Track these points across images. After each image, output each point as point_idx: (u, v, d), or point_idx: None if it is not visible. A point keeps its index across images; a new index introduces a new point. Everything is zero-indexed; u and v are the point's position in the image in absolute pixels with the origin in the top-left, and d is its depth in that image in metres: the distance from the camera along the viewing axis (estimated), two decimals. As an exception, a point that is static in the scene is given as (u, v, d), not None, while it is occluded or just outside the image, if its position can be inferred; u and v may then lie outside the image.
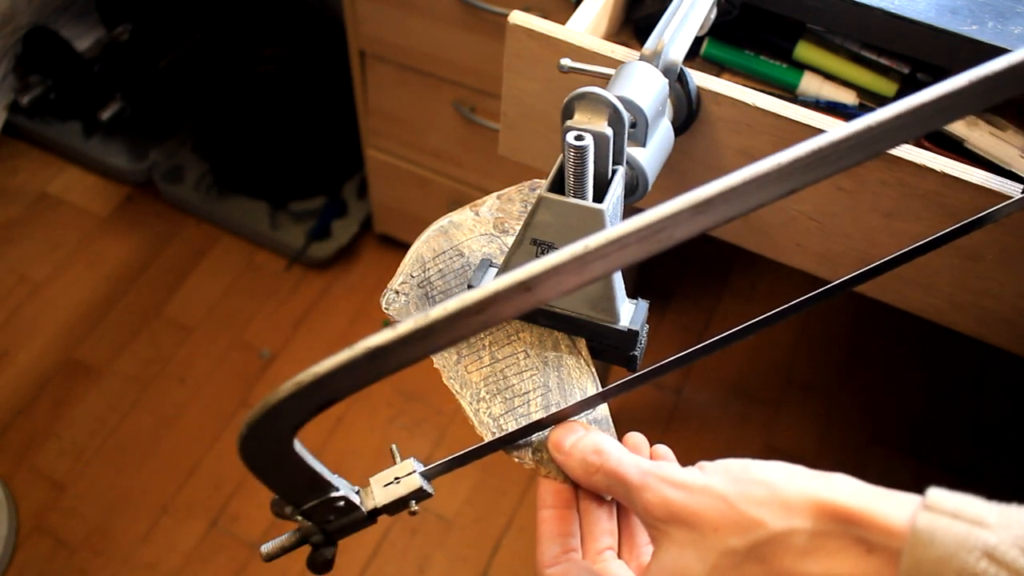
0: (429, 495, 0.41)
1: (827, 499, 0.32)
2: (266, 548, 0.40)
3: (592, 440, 0.41)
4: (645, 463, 0.38)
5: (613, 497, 0.43)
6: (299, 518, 0.38)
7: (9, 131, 1.80)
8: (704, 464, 0.36)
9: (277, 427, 0.31)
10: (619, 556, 0.42)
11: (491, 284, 0.27)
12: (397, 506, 0.40)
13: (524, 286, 0.27)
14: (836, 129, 0.27)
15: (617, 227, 0.27)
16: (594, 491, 0.42)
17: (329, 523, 0.39)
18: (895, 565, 0.30)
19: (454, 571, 1.32)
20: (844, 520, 0.31)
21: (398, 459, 0.41)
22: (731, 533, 0.33)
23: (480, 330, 0.28)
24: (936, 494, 0.30)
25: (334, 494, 0.37)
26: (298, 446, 0.33)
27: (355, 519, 0.39)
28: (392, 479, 0.40)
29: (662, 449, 0.44)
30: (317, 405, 0.30)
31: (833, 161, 0.28)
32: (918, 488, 0.31)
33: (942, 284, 0.65)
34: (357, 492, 0.39)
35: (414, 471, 0.40)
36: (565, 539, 0.41)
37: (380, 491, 0.40)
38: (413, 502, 0.40)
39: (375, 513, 0.40)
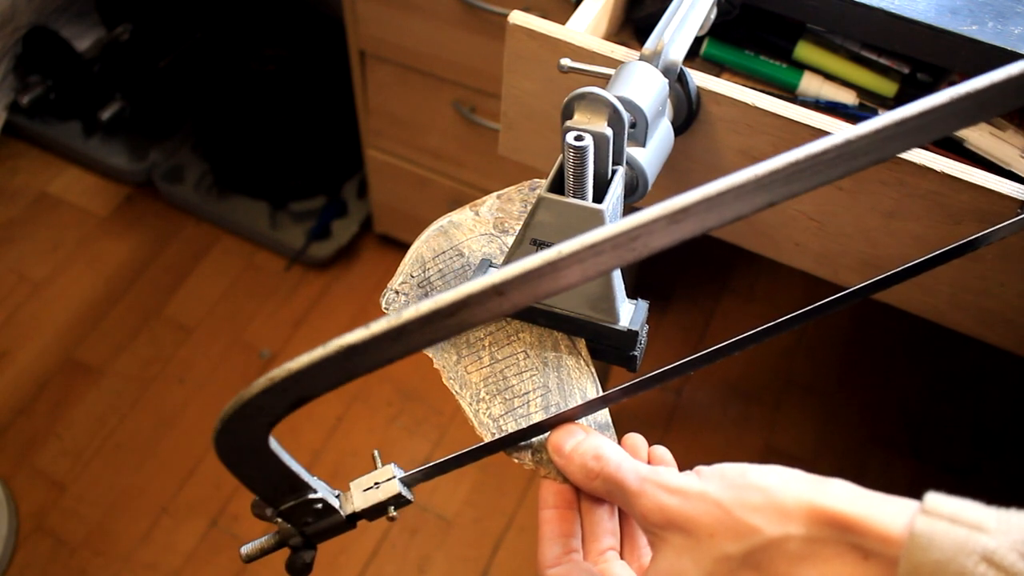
0: (408, 501, 0.40)
1: (823, 505, 0.32)
2: (246, 549, 0.40)
3: (592, 444, 0.41)
4: (643, 469, 0.38)
5: (612, 502, 0.43)
6: (278, 520, 0.38)
7: (9, 131, 1.80)
8: (701, 469, 0.36)
9: (251, 423, 0.30)
10: (621, 556, 0.42)
11: (464, 287, 0.27)
12: (376, 511, 0.39)
13: (497, 290, 0.27)
14: (815, 143, 0.27)
15: (590, 234, 0.27)
16: (594, 495, 0.42)
17: (308, 526, 0.38)
18: (891, 572, 0.30)
19: (454, 571, 1.32)
20: (840, 526, 0.31)
21: (379, 464, 0.41)
22: (727, 539, 0.33)
23: (454, 333, 0.28)
24: (934, 499, 0.30)
25: (311, 496, 0.36)
26: (274, 444, 0.33)
27: (334, 523, 0.38)
28: (372, 484, 0.40)
29: (660, 451, 0.44)
30: (291, 402, 0.30)
31: (815, 173, 0.28)
32: (918, 488, 0.31)
33: (942, 284, 0.65)
34: (337, 496, 0.39)
35: (394, 476, 0.40)
36: (567, 539, 0.41)
37: (359, 495, 0.39)
38: (392, 508, 0.40)
39: (354, 517, 0.39)
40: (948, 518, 0.29)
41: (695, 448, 1.45)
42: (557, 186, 0.47)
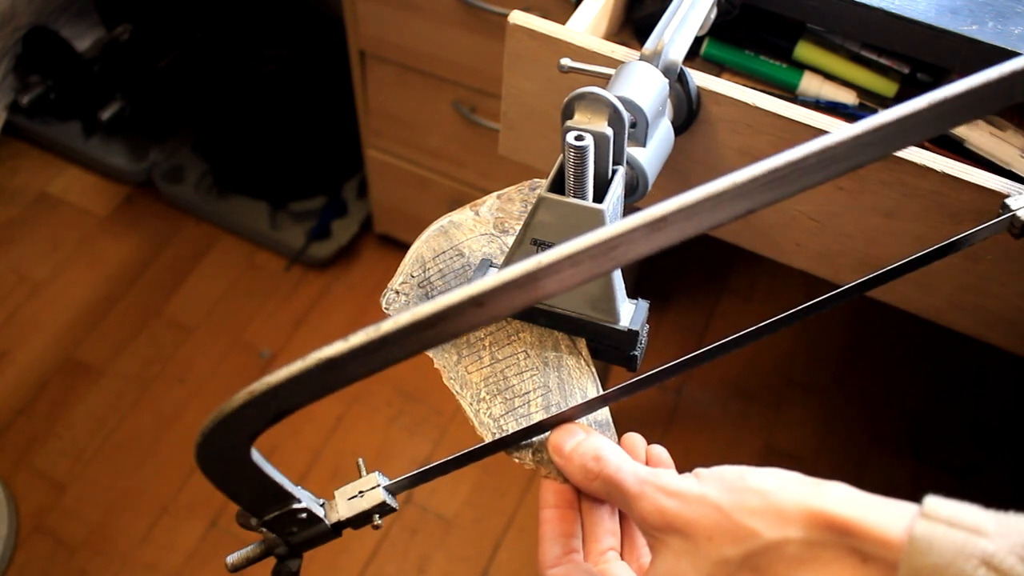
0: (393, 509, 0.40)
1: (821, 508, 0.32)
2: (231, 559, 0.40)
3: (591, 445, 0.41)
4: (643, 471, 0.38)
5: (612, 503, 0.43)
6: (263, 530, 0.38)
7: (9, 131, 1.80)
8: (700, 471, 0.36)
9: (233, 437, 0.31)
10: (621, 557, 0.42)
11: (443, 299, 0.27)
12: (361, 520, 0.40)
13: (475, 301, 0.27)
14: (794, 150, 0.28)
15: (568, 244, 0.27)
16: (593, 496, 0.42)
17: (293, 535, 0.38)
18: None
19: (454, 571, 1.32)
20: (838, 530, 0.31)
21: (363, 472, 0.41)
22: (725, 542, 0.33)
23: (432, 344, 0.28)
24: (933, 502, 0.30)
25: (296, 505, 0.37)
26: (256, 456, 0.33)
27: (319, 532, 0.39)
28: (356, 492, 0.40)
29: (658, 450, 0.44)
30: (271, 415, 0.30)
31: (795, 178, 0.28)
32: (918, 488, 0.31)
33: (942, 284, 0.65)
34: (322, 504, 0.39)
35: (378, 485, 0.40)
36: (567, 539, 0.41)
37: (344, 504, 0.40)
38: (377, 516, 0.40)
39: (339, 526, 0.39)
40: (947, 522, 0.29)
41: (695, 448, 1.45)
42: (557, 186, 0.47)
